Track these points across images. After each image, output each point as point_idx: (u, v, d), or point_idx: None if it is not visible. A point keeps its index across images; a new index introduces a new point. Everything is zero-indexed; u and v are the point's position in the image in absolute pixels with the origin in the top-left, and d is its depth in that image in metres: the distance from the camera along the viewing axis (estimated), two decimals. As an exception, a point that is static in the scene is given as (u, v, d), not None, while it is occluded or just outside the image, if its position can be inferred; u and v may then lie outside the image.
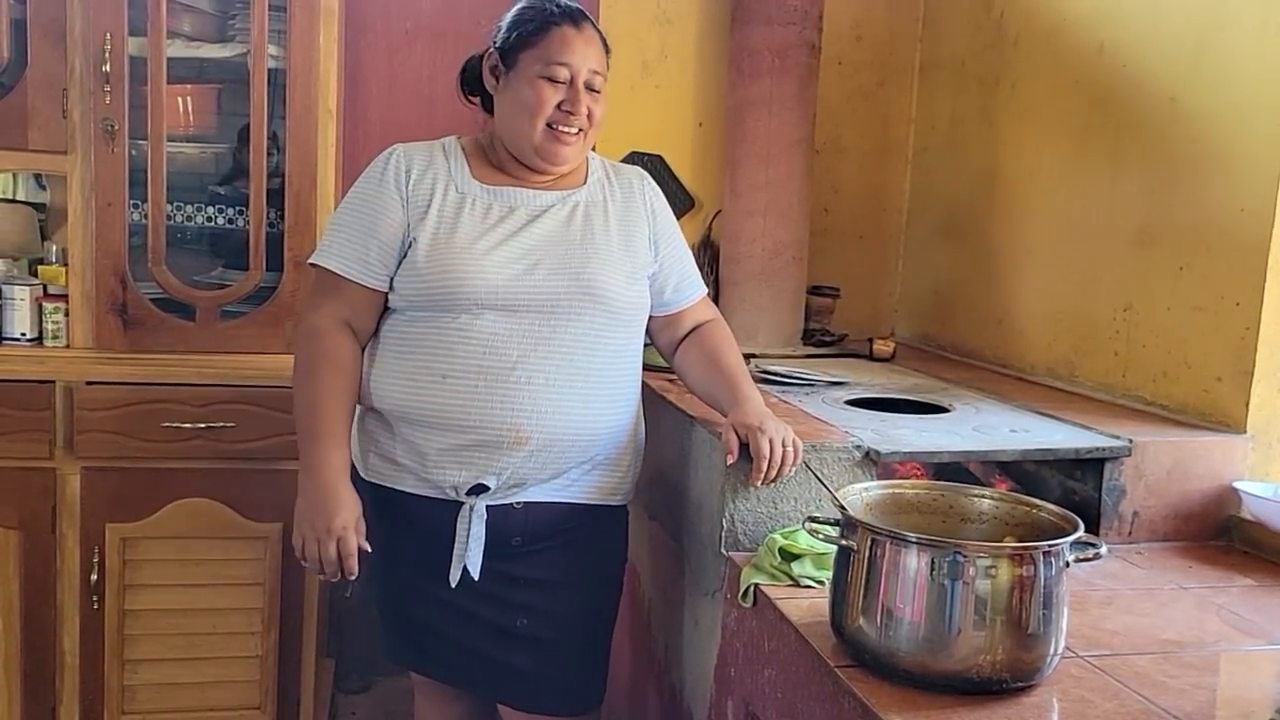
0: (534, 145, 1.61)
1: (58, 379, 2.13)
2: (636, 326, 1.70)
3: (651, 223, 1.73)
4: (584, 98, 1.60)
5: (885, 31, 2.85)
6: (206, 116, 2.39)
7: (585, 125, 1.62)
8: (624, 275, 1.64)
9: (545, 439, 1.57)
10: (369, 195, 1.62)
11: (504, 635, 1.67)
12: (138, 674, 2.21)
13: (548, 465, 1.60)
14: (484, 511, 1.59)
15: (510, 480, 1.59)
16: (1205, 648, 1.33)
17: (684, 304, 1.78)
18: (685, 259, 1.79)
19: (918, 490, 1.36)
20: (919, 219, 2.88)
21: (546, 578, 1.66)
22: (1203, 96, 1.86)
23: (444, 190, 1.61)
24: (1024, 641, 1.14)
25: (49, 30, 2.14)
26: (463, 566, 1.60)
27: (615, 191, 1.72)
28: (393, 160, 1.63)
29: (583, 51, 1.60)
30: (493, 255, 1.57)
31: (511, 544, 1.63)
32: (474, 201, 1.62)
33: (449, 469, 1.58)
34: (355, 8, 2.72)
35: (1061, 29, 2.27)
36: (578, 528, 1.68)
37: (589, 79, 1.61)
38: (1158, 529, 1.75)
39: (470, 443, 1.56)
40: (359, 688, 2.78)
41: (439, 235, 1.58)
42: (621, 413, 1.67)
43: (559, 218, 1.64)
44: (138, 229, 2.25)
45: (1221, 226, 1.81)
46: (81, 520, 2.16)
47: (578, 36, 1.61)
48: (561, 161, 1.63)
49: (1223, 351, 1.80)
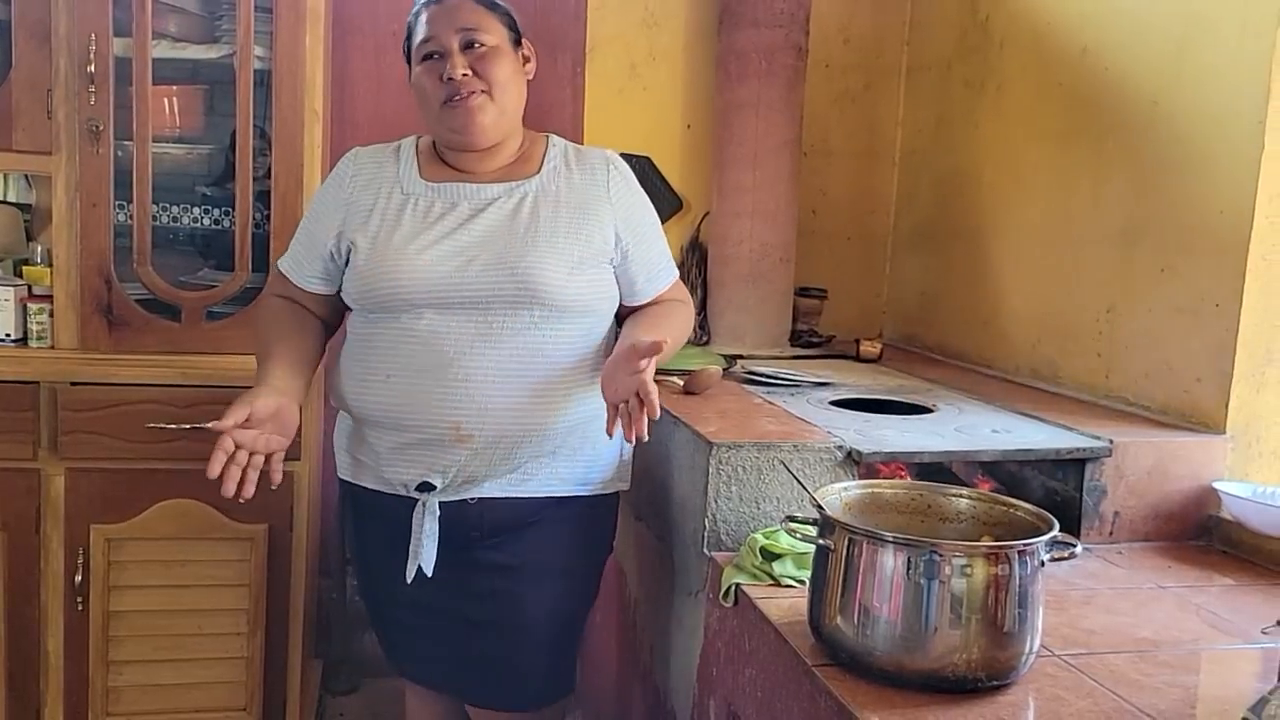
0: (444, 127, 1.60)
1: (42, 380, 2.12)
2: (593, 317, 1.63)
3: (612, 208, 1.65)
4: (458, 59, 1.56)
5: (872, 35, 2.87)
6: (192, 117, 2.38)
7: (477, 86, 1.57)
8: (567, 267, 1.57)
9: (490, 436, 1.55)
10: (317, 200, 1.71)
11: (467, 625, 1.66)
12: (122, 675, 2.20)
13: (497, 461, 1.58)
14: (436, 509, 1.59)
15: (459, 477, 1.58)
16: (1182, 647, 1.34)
17: (656, 293, 1.72)
18: (655, 245, 1.71)
19: (896, 490, 1.37)
20: (906, 221, 2.90)
21: (508, 563, 1.65)
22: (1183, 99, 1.88)
23: (389, 193, 1.62)
24: (999, 640, 1.15)
25: (34, 31, 2.14)
26: (418, 564, 1.60)
27: (574, 177, 1.65)
28: (344, 165, 1.68)
29: (445, 18, 1.58)
30: (426, 254, 1.55)
31: (470, 537, 1.63)
32: (416, 201, 1.61)
33: (398, 466, 1.60)
34: (342, 9, 2.73)
35: (1045, 33, 2.28)
36: (541, 520, 1.65)
37: (462, 39, 1.57)
38: (1138, 529, 1.76)
39: (414, 441, 1.57)
40: (346, 689, 2.77)
41: (379, 237, 1.59)
42: (579, 408, 1.61)
43: (504, 210, 1.60)
44: (123, 230, 2.25)
45: (1202, 228, 1.82)
46: (66, 521, 2.15)
47: (439, 9, 1.60)
48: (477, 131, 1.58)
49: (1203, 353, 1.81)
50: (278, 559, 2.22)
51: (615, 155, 1.72)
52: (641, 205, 1.71)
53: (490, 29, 1.60)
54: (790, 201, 2.60)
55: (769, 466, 1.63)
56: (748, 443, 1.64)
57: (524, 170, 1.65)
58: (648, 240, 1.70)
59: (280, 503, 2.22)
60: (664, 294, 1.73)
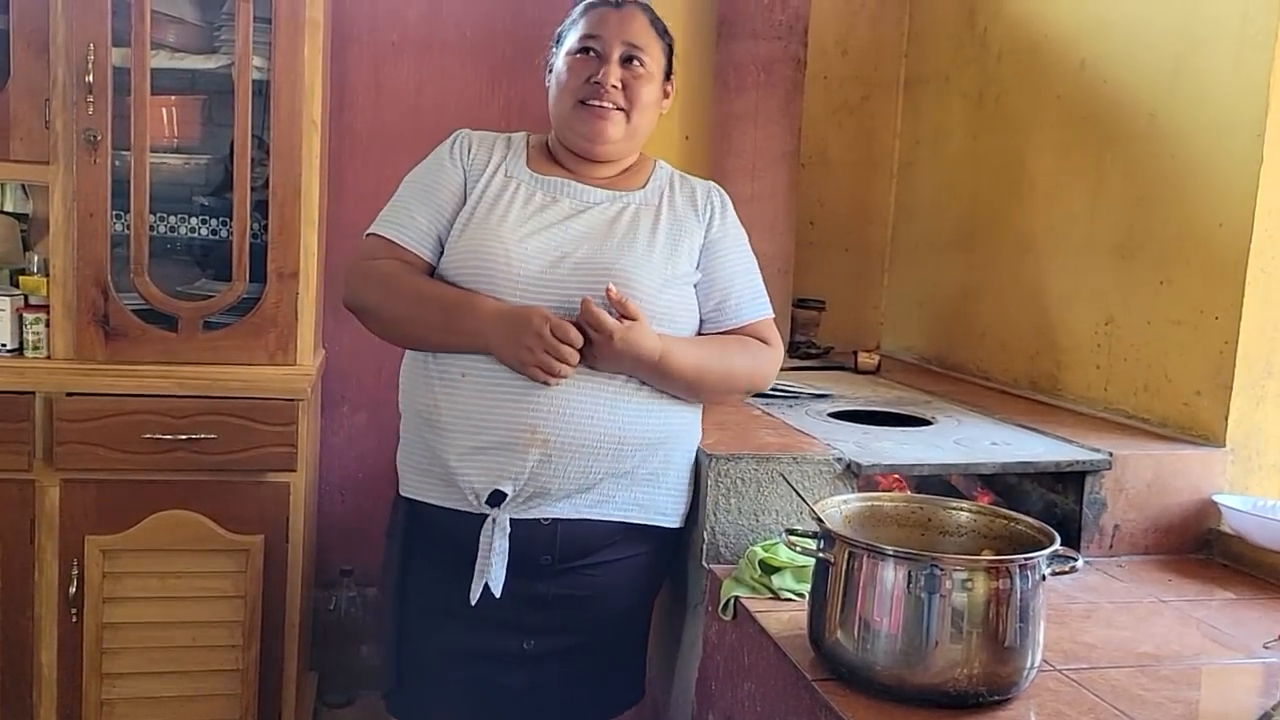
0: (571, 123, 1.59)
1: (38, 390, 2.11)
2: (677, 331, 1.56)
3: (703, 230, 1.63)
4: (614, 69, 1.56)
5: (870, 46, 2.87)
6: (190, 127, 2.38)
7: (621, 102, 1.57)
8: (660, 280, 1.54)
9: (564, 442, 1.48)
10: (427, 167, 1.64)
11: (507, 659, 1.59)
12: (116, 688, 2.19)
13: (570, 472, 1.50)
14: (507, 525, 1.51)
15: (531, 488, 1.50)
16: (1183, 661, 1.33)
17: (735, 324, 1.64)
18: (740, 278, 1.65)
19: (896, 503, 1.36)
20: (904, 232, 2.90)
21: (580, 596, 1.58)
22: (1181, 113, 1.88)
23: (493, 172, 1.61)
24: (1000, 654, 1.14)
25: (32, 40, 2.14)
26: (484, 584, 1.50)
27: (675, 199, 1.65)
28: (455, 139, 1.66)
29: (617, 25, 1.58)
30: (524, 243, 1.52)
31: (540, 562, 1.55)
32: (519, 187, 1.59)
33: (469, 473, 1.50)
34: (341, 20, 2.73)
35: (1043, 45, 2.28)
36: (616, 547, 1.59)
37: (626, 51, 1.58)
38: (1138, 542, 1.75)
39: (487, 444, 1.48)
40: (342, 701, 2.76)
41: (476, 213, 1.56)
42: (660, 423, 1.56)
43: (605, 215, 1.58)
44: (120, 240, 2.24)
45: (1200, 241, 1.82)
46: (60, 532, 2.14)
47: (613, 13, 1.60)
48: (602, 139, 1.58)
49: (1202, 365, 1.81)
50: (273, 570, 2.21)
51: (718, 186, 1.72)
52: (733, 234, 1.68)
53: (653, 54, 1.61)
54: (788, 212, 2.60)
55: (768, 479, 1.62)
56: (747, 455, 1.63)
57: (630, 183, 1.65)
58: (730, 267, 1.64)
59: (275, 514, 2.21)
60: (748, 327, 1.65)
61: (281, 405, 2.18)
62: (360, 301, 1.59)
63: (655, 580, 1.70)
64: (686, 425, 1.63)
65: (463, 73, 2.84)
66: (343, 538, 2.84)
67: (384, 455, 1.69)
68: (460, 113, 2.83)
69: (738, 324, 1.64)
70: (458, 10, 2.83)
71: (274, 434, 2.17)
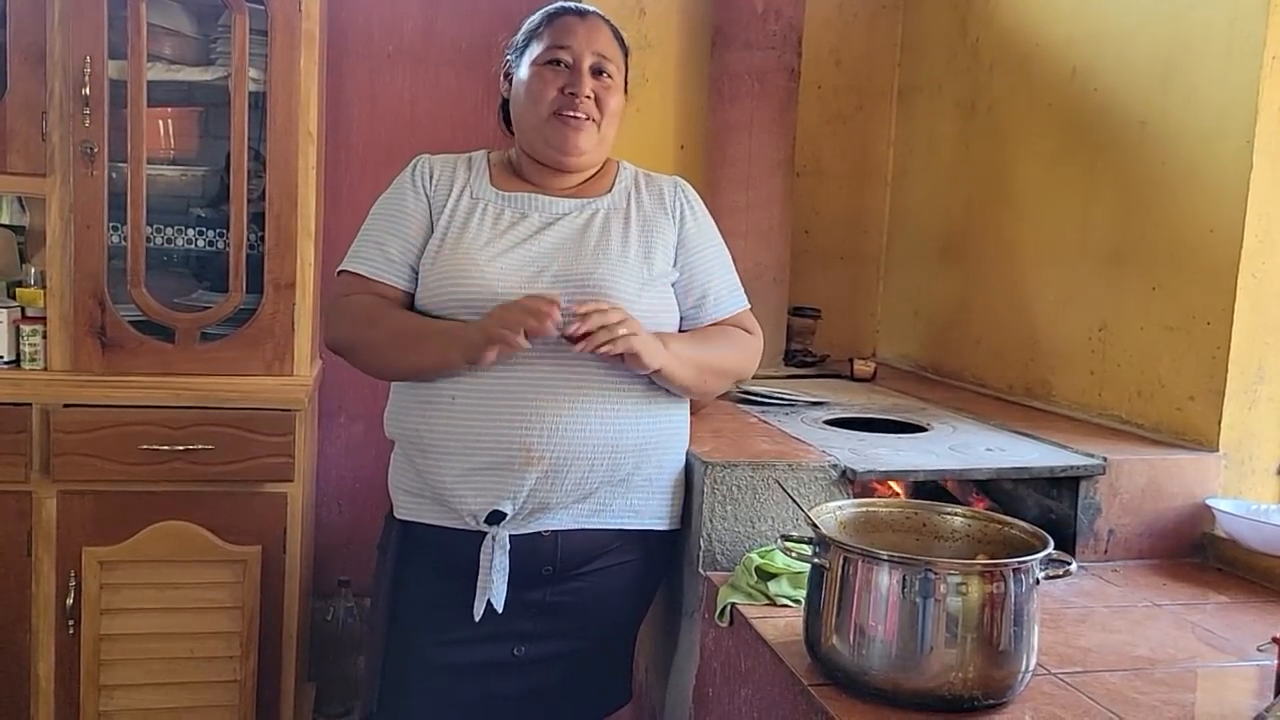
0: (543, 135, 1.59)
1: (35, 401, 2.12)
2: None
3: (674, 227, 1.64)
4: (587, 80, 1.57)
5: (864, 56, 2.89)
6: (187, 139, 2.39)
7: (594, 113, 1.58)
8: (638, 283, 1.55)
9: (559, 457, 1.48)
10: (391, 199, 1.63)
11: (499, 667, 1.58)
12: (114, 699, 2.18)
13: (569, 486, 1.51)
14: (506, 542, 1.51)
15: (530, 505, 1.50)
16: (1178, 664, 1.33)
17: (715, 317, 1.66)
18: (717, 272, 1.67)
19: (891, 509, 1.37)
20: (899, 241, 2.91)
21: (575, 602, 1.59)
22: (1172, 120, 1.89)
23: (458, 195, 1.61)
24: (995, 659, 1.14)
25: (29, 53, 2.15)
26: (486, 600, 1.51)
27: (643, 198, 1.65)
28: (414, 166, 1.65)
29: (586, 36, 1.59)
30: (497, 262, 1.52)
31: (541, 573, 1.55)
32: (486, 207, 1.60)
33: (465, 496, 1.50)
34: (337, 32, 2.74)
35: (1035, 54, 2.30)
36: (613, 553, 1.60)
37: (595, 63, 1.59)
38: (1133, 546, 1.76)
39: (481, 465, 1.49)
40: (340, 712, 2.75)
41: (446, 239, 1.56)
42: (653, 427, 1.57)
43: (575, 225, 1.59)
44: (117, 251, 2.25)
45: (1192, 247, 1.84)
46: (58, 543, 2.14)
47: (580, 23, 1.60)
48: (575, 151, 1.59)
49: (1195, 370, 1.82)
50: (270, 581, 2.22)
51: (683, 180, 1.73)
52: (704, 229, 1.69)
53: (618, 65, 1.63)
54: (783, 221, 2.61)
55: (764, 486, 1.63)
56: (743, 462, 1.64)
57: (595, 189, 1.65)
58: (707, 262, 1.67)
59: (273, 524, 2.22)
60: (728, 320, 1.68)
61: (279, 416, 2.18)
62: (340, 339, 1.59)
63: (649, 584, 1.71)
64: (677, 427, 1.65)
65: (458, 85, 2.85)
66: (340, 548, 2.84)
67: (381, 466, 1.69)
68: (455, 125, 2.85)
69: (717, 319, 1.67)
70: (453, 23, 2.84)
71: (271, 445, 2.18)
